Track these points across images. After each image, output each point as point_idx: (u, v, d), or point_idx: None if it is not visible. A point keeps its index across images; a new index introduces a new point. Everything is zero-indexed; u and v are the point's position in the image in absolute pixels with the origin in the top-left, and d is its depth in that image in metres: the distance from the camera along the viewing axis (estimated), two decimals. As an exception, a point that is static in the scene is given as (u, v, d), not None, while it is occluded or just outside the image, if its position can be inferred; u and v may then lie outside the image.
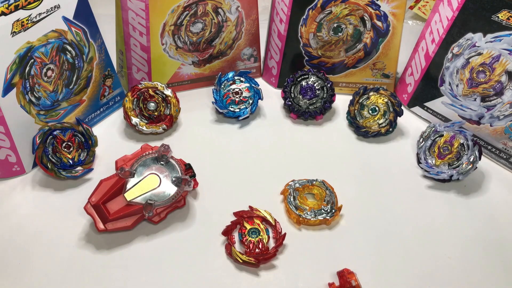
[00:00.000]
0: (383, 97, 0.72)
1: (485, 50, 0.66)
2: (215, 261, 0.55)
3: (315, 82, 0.74)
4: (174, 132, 0.72)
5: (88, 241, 0.56)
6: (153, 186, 0.57)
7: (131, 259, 0.55)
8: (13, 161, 0.62)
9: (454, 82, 0.70)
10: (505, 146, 0.67)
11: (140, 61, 0.75)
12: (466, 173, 0.64)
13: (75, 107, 0.68)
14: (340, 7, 0.73)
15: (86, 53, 0.66)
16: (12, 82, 0.58)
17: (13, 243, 0.56)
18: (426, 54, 0.74)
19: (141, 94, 0.70)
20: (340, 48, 0.77)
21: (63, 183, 0.63)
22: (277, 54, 0.79)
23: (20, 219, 0.59)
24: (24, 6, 0.57)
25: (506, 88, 0.64)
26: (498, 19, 0.64)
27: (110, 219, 0.55)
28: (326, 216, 0.59)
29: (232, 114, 0.74)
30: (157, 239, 0.57)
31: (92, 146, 0.65)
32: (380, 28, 0.74)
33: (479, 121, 0.68)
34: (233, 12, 0.75)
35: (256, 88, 0.75)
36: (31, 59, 0.59)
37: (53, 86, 0.64)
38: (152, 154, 0.59)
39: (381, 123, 0.72)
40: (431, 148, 0.67)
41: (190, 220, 0.59)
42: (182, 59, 0.77)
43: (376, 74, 0.79)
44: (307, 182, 0.62)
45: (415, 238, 0.59)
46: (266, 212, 0.58)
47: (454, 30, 0.69)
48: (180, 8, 0.72)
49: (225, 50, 0.79)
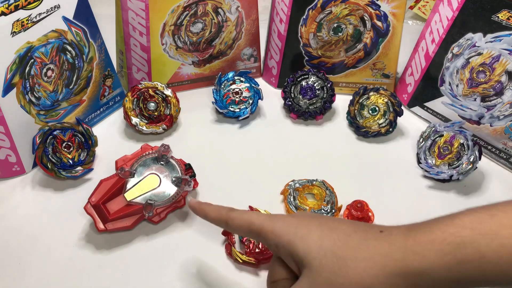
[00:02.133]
0: (383, 97, 0.72)
1: (485, 50, 0.66)
2: (215, 261, 0.55)
3: (315, 82, 0.74)
4: (174, 132, 0.72)
5: (88, 241, 0.56)
6: (153, 186, 0.57)
7: (131, 259, 0.55)
8: (13, 161, 0.62)
9: (454, 82, 0.70)
10: (505, 146, 0.67)
11: (140, 61, 0.75)
12: (466, 173, 0.64)
13: (75, 107, 0.68)
14: (340, 7, 0.73)
15: (86, 53, 0.66)
16: (12, 82, 0.58)
17: (13, 243, 0.56)
18: (426, 54, 0.74)
19: (141, 94, 0.70)
20: (340, 48, 0.77)
21: (63, 183, 0.63)
22: (277, 54, 0.79)
23: (20, 219, 0.59)
24: (24, 6, 0.57)
25: (506, 88, 0.64)
26: (498, 19, 0.64)
27: (110, 219, 0.55)
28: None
29: (232, 114, 0.74)
30: (157, 239, 0.57)
31: (92, 146, 0.65)
32: (380, 28, 0.74)
33: (479, 121, 0.68)
34: (233, 12, 0.76)
35: (256, 88, 0.75)
36: (31, 59, 0.59)
37: (53, 86, 0.64)
38: (152, 154, 0.59)
39: (381, 123, 0.72)
40: (431, 148, 0.67)
41: (190, 220, 0.59)
42: (182, 59, 0.77)
43: (376, 74, 0.79)
44: (307, 182, 0.62)
45: (415, 238, 0.59)
46: (266, 212, 0.58)
47: (454, 30, 0.69)
48: (180, 8, 0.72)
49: (225, 50, 0.79)
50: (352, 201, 0.59)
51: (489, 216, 0.34)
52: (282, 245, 0.38)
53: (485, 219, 0.34)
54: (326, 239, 0.37)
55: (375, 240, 0.36)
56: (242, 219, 0.41)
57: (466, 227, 0.34)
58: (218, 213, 0.44)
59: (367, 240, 0.36)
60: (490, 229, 0.33)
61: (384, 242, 0.36)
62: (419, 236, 0.35)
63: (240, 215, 0.42)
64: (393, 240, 0.35)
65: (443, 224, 0.35)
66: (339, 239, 0.37)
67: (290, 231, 0.38)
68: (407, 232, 0.36)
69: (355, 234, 0.37)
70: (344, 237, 0.37)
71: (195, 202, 0.47)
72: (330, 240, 0.37)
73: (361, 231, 0.37)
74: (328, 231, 0.38)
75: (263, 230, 0.40)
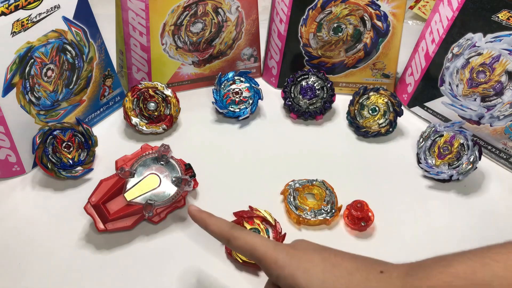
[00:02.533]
0: (383, 97, 0.72)
1: (485, 50, 0.66)
2: (215, 261, 0.55)
3: (315, 82, 0.74)
4: (174, 132, 0.72)
5: (88, 241, 0.56)
6: (153, 186, 0.57)
7: (131, 259, 0.55)
8: (13, 161, 0.62)
9: (454, 82, 0.70)
10: (505, 146, 0.67)
11: (140, 61, 0.75)
12: (466, 173, 0.64)
13: (75, 107, 0.68)
14: (340, 7, 0.73)
15: (86, 53, 0.66)
16: (12, 82, 0.58)
17: (13, 243, 0.56)
18: (426, 54, 0.74)
19: (141, 94, 0.70)
20: (340, 48, 0.77)
21: (63, 183, 0.63)
22: (277, 54, 0.79)
23: (20, 219, 0.59)
24: (24, 6, 0.57)
25: (506, 88, 0.64)
26: (498, 19, 0.64)
27: (110, 219, 0.55)
28: (326, 216, 0.59)
29: (232, 114, 0.74)
30: (157, 239, 0.57)
31: (92, 146, 0.65)
32: (380, 28, 0.74)
33: (479, 121, 0.68)
34: (233, 12, 0.76)
35: (256, 88, 0.75)
36: (31, 59, 0.59)
37: (53, 86, 0.64)
38: (152, 154, 0.59)
39: (381, 123, 0.72)
40: (431, 148, 0.67)
41: (190, 220, 0.59)
42: (182, 59, 0.77)
43: (376, 74, 0.79)
44: (307, 182, 0.62)
45: (415, 238, 0.59)
46: (266, 212, 0.58)
47: (454, 30, 0.69)
48: (180, 8, 0.72)
49: (225, 50, 0.79)
50: (352, 201, 0.59)
51: (482, 265, 0.35)
52: (283, 277, 0.39)
53: (478, 269, 0.35)
54: (328, 275, 0.38)
55: (376, 281, 0.37)
56: (245, 241, 0.42)
57: (460, 277, 0.35)
58: (220, 229, 0.44)
59: (369, 281, 0.37)
60: (483, 279, 0.34)
61: (384, 284, 0.37)
62: (416, 282, 0.36)
63: (244, 237, 0.42)
64: (392, 283, 0.37)
65: (438, 272, 0.36)
66: (342, 276, 0.38)
67: (293, 264, 0.39)
68: (406, 277, 0.37)
69: (357, 273, 0.38)
70: (346, 275, 0.38)
71: (195, 209, 0.46)
72: (333, 276, 0.38)
73: (363, 271, 0.38)
74: (331, 267, 0.38)
75: (265, 258, 0.40)
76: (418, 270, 0.37)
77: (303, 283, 0.38)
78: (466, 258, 0.36)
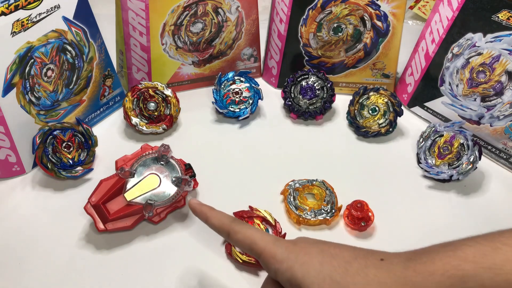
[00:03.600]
0: (383, 97, 0.72)
1: (485, 50, 0.66)
2: (215, 261, 0.55)
3: (315, 82, 0.74)
4: (174, 132, 0.72)
5: (88, 241, 0.56)
6: (153, 186, 0.57)
7: (131, 259, 0.55)
8: (13, 161, 0.62)
9: (454, 82, 0.70)
10: (505, 146, 0.67)
11: (140, 61, 0.75)
12: (466, 173, 0.64)
13: (75, 107, 0.68)
14: (340, 7, 0.73)
15: (86, 53, 0.66)
16: (12, 82, 0.58)
17: (13, 243, 0.56)
18: (426, 54, 0.74)
19: (141, 94, 0.70)
20: (340, 48, 0.77)
21: (63, 183, 0.63)
22: (277, 54, 0.79)
23: (20, 219, 0.59)
24: (24, 6, 0.57)
25: (506, 88, 0.64)
26: (498, 19, 0.64)
27: (110, 219, 0.55)
28: (326, 216, 0.59)
29: (232, 114, 0.74)
30: (157, 239, 0.57)
31: (92, 146, 0.65)
32: (380, 28, 0.74)
33: (479, 121, 0.68)
34: (233, 12, 0.76)
35: (256, 88, 0.75)
36: (31, 59, 0.59)
37: (53, 86, 0.64)
38: (152, 154, 0.59)
39: (381, 123, 0.72)
40: (431, 148, 0.67)
41: (190, 220, 0.59)
42: (182, 59, 0.77)
43: (376, 74, 0.79)
44: (307, 182, 0.62)
45: (415, 238, 0.59)
46: (266, 212, 0.58)
47: (454, 30, 0.69)
48: (180, 8, 0.72)
49: (225, 50, 0.79)
50: (352, 201, 0.59)
51: (493, 249, 0.33)
52: (281, 271, 0.38)
53: (488, 252, 0.33)
54: (326, 265, 0.37)
55: (375, 268, 0.36)
56: (245, 235, 0.41)
57: (468, 260, 0.33)
58: (220, 222, 0.44)
59: (367, 267, 0.36)
60: (493, 263, 0.32)
61: (384, 271, 0.35)
62: (419, 266, 0.34)
63: (244, 231, 0.42)
64: (393, 269, 0.35)
65: (444, 255, 0.34)
66: (339, 265, 0.37)
67: (291, 258, 0.38)
68: (408, 262, 0.35)
69: (355, 261, 0.37)
70: (344, 264, 0.37)
71: (196, 202, 0.46)
72: (330, 266, 0.37)
73: (362, 258, 0.37)
74: (329, 258, 0.38)
75: (264, 253, 0.40)
76: (422, 255, 0.35)
77: (300, 276, 0.37)
78: (475, 242, 0.34)
